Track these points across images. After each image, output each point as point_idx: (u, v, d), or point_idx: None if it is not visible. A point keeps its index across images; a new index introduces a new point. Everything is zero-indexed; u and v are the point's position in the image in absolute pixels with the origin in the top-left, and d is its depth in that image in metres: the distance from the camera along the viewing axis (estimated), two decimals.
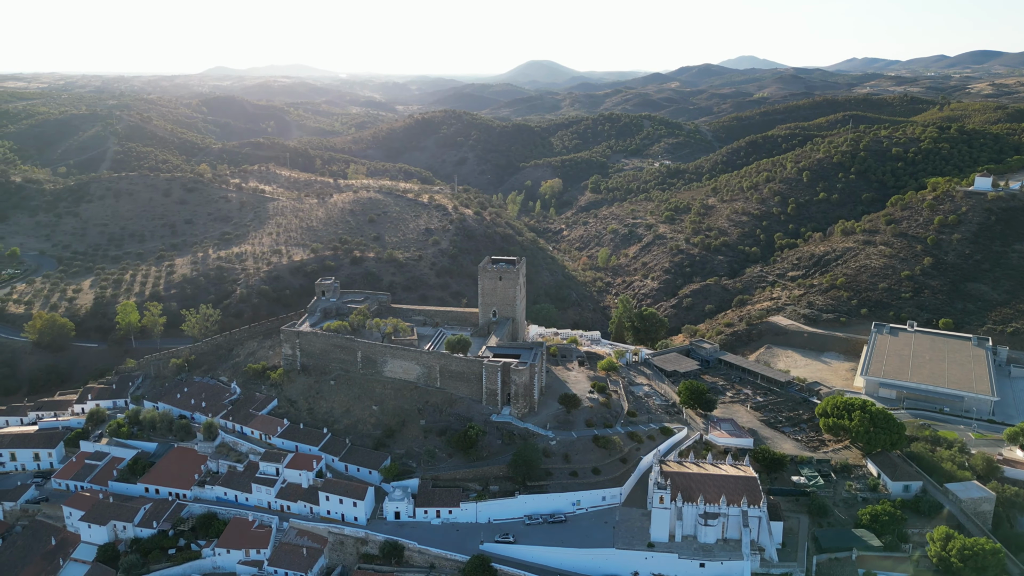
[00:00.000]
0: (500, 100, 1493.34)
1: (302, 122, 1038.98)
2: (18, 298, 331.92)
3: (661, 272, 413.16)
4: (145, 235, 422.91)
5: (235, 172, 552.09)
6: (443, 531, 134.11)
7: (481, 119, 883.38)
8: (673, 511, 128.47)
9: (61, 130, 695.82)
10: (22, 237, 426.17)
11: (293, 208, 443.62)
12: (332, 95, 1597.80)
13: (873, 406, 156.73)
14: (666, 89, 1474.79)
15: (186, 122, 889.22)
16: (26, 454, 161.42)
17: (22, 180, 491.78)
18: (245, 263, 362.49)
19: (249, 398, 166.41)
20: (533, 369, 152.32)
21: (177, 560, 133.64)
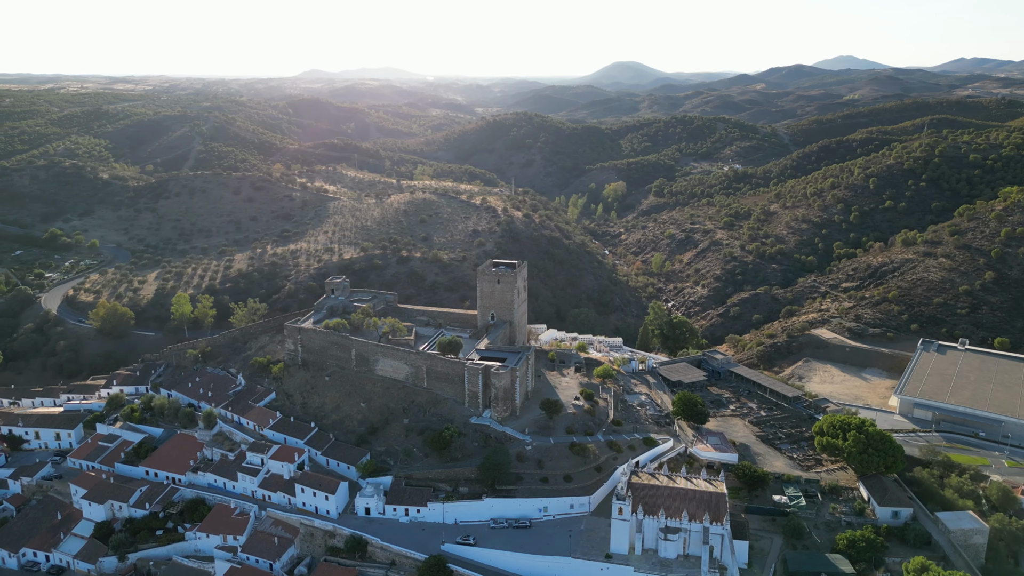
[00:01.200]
0: (578, 102, 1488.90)
1: (381, 124, 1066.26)
2: (90, 287, 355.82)
3: (712, 279, 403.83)
4: (212, 231, 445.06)
5: (304, 172, 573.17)
6: (410, 529, 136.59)
7: (551, 121, 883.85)
8: (633, 523, 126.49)
9: (153, 130, 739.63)
10: (104, 230, 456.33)
11: (351, 208, 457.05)
12: (415, 98, 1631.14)
13: (872, 426, 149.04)
14: (750, 91, 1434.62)
15: (270, 123, 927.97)
16: (48, 433, 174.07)
17: (109, 177, 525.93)
18: (298, 260, 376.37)
19: (251, 390, 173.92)
20: (514, 373, 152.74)
21: (163, 541, 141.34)
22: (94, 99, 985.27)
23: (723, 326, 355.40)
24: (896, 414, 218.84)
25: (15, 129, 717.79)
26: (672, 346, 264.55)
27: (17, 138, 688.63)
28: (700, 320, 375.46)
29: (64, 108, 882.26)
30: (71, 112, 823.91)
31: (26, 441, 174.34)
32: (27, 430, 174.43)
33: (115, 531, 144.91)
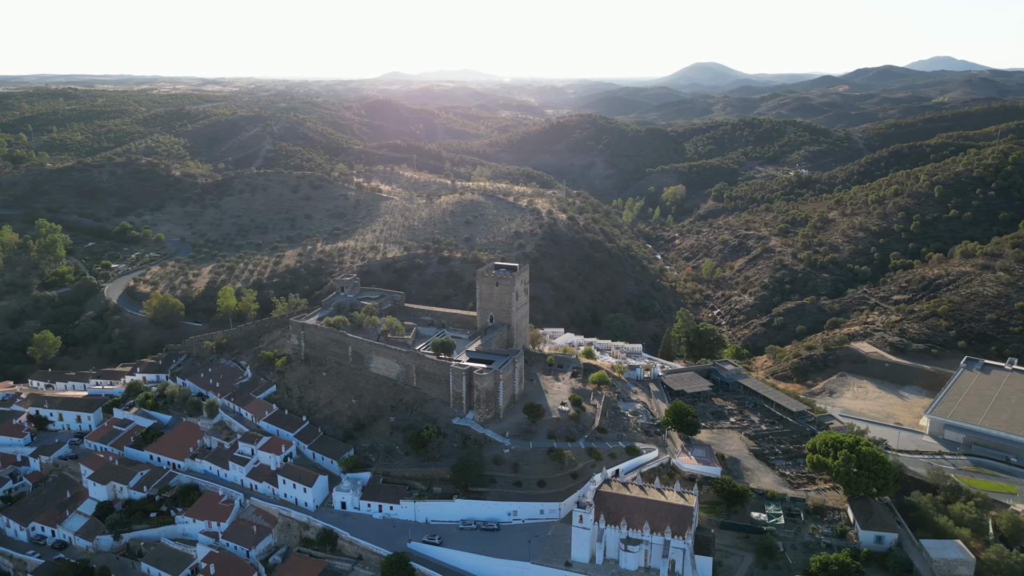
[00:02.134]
0: (651, 103, 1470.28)
1: (449, 125, 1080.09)
2: (149, 279, 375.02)
3: (759, 288, 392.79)
4: (269, 227, 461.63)
5: (362, 172, 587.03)
6: (382, 526, 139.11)
7: (615, 123, 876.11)
8: (594, 532, 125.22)
9: (229, 130, 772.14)
10: (171, 225, 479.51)
11: (402, 208, 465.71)
12: (487, 99, 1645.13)
13: (867, 446, 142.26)
14: (831, 93, 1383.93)
15: (342, 124, 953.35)
16: (71, 416, 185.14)
17: (180, 174, 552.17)
18: (343, 257, 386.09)
19: (255, 382, 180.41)
20: (498, 376, 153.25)
21: (154, 523, 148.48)
22: (180, 100, 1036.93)
23: (765, 336, 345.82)
24: (925, 435, 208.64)
25: (103, 128, 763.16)
26: (698, 355, 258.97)
27: (104, 136, 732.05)
28: (743, 329, 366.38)
29: (151, 108, 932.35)
30: (156, 112, 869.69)
31: (51, 422, 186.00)
32: (52, 412, 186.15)
33: (115, 511, 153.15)
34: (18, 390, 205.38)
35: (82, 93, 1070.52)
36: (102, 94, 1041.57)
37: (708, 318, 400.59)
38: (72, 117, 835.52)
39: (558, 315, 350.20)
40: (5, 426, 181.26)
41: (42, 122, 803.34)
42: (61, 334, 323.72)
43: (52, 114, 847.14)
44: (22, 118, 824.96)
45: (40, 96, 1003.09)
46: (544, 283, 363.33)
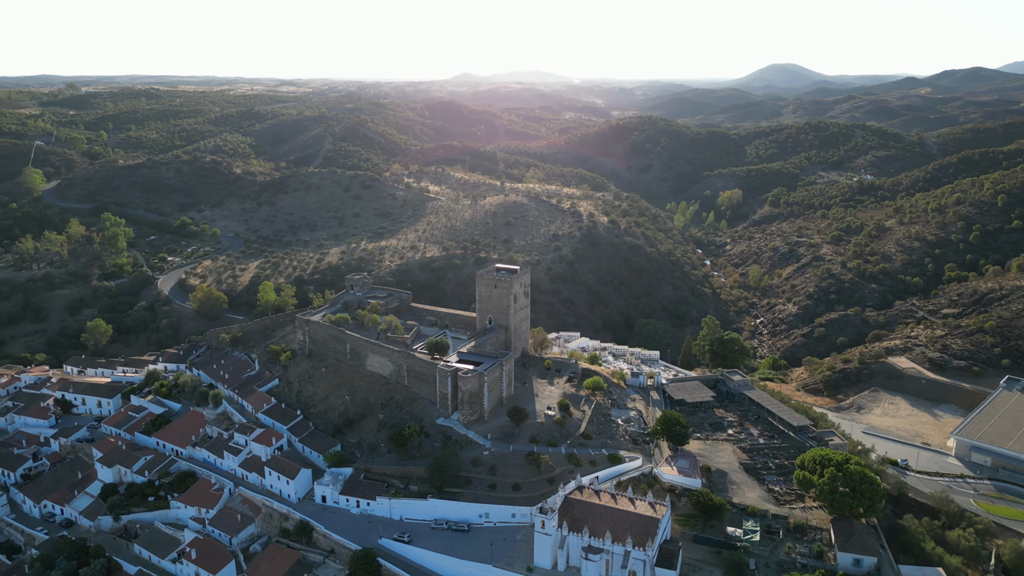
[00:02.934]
0: (718, 106, 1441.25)
1: (510, 127, 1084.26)
2: (200, 272, 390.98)
3: (804, 297, 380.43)
4: (318, 225, 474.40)
5: (413, 172, 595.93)
6: (358, 521, 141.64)
7: (675, 126, 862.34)
8: (556, 538, 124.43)
9: (294, 129, 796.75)
10: (227, 221, 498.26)
11: (447, 208, 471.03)
12: (552, 101, 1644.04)
13: (857, 465, 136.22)
14: (911, 95, 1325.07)
15: (404, 125, 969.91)
16: (92, 401, 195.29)
17: (241, 172, 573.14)
18: (383, 255, 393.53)
19: (260, 375, 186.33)
20: (482, 378, 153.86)
21: (151, 507, 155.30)
22: (252, 100, 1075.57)
23: (805, 347, 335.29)
24: (951, 456, 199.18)
25: (177, 127, 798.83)
26: (721, 364, 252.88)
27: (177, 135, 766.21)
28: (783, 340, 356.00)
29: (224, 108, 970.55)
30: (228, 112, 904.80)
31: (75, 406, 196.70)
32: (76, 396, 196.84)
33: (119, 493, 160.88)
34: (50, 374, 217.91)
35: (163, 93, 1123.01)
36: (181, 95, 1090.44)
37: (750, 327, 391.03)
38: (151, 116, 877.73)
39: (590, 319, 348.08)
40: (33, 408, 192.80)
41: (122, 121, 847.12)
42: (114, 323, 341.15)
43: (132, 113, 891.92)
44: (105, 116, 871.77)
45: (124, 96, 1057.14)
46: (578, 286, 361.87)
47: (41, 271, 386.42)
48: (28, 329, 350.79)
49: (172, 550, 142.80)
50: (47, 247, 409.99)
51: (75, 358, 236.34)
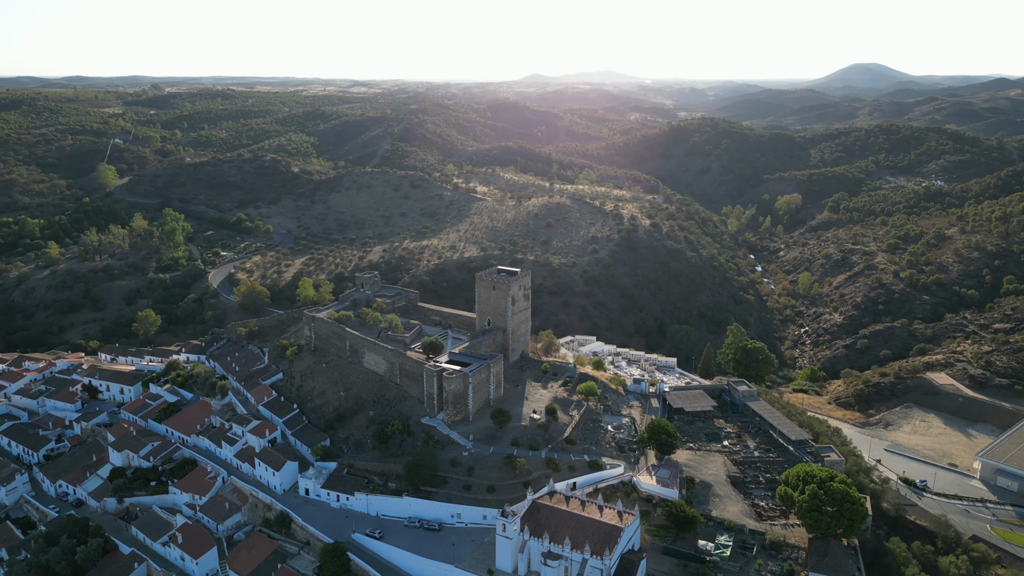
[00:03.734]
0: (790, 107, 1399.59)
1: (572, 128, 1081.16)
2: (248, 267, 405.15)
3: (851, 307, 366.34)
4: (365, 223, 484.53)
5: (463, 173, 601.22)
6: (337, 514, 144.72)
7: (737, 127, 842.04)
8: (517, 542, 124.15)
9: (356, 130, 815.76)
10: (281, 218, 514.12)
11: (491, 209, 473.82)
12: (619, 102, 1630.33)
13: (841, 483, 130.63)
14: (999, 97, 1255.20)
15: (465, 125, 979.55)
16: (116, 387, 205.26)
17: (299, 170, 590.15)
18: (423, 255, 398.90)
19: (268, 368, 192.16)
20: (467, 379, 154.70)
21: (151, 491, 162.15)
22: (320, 101, 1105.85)
23: (846, 359, 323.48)
24: (975, 479, 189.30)
25: (246, 126, 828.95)
26: (744, 373, 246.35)
27: (245, 134, 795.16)
28: (825, 350, 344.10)
29: (293, 109, 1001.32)
30: (296, 112, 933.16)
31: (100, 392, 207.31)
32: (102, 383, 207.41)
33: (126, 477, 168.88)
34: (82, 360, 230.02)
35: (238, 94, 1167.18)
36: (255, 95, 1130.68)
37: (794, 336, 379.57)
38: (223, 116, 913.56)
39: (623, 323, 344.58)
40: (63, 393, 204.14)
41: (197, 120, 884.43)
42: (165, 313, 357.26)
43: (207, 113, 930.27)
44: (181, 116, 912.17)
45: (202, 96, 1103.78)
46: (613, 289, 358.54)
47: (102, 263, 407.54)
48: (87, 317, 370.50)
49: (164, 533, 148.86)
50: (110, 240, 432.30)
51: (108, 346, 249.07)
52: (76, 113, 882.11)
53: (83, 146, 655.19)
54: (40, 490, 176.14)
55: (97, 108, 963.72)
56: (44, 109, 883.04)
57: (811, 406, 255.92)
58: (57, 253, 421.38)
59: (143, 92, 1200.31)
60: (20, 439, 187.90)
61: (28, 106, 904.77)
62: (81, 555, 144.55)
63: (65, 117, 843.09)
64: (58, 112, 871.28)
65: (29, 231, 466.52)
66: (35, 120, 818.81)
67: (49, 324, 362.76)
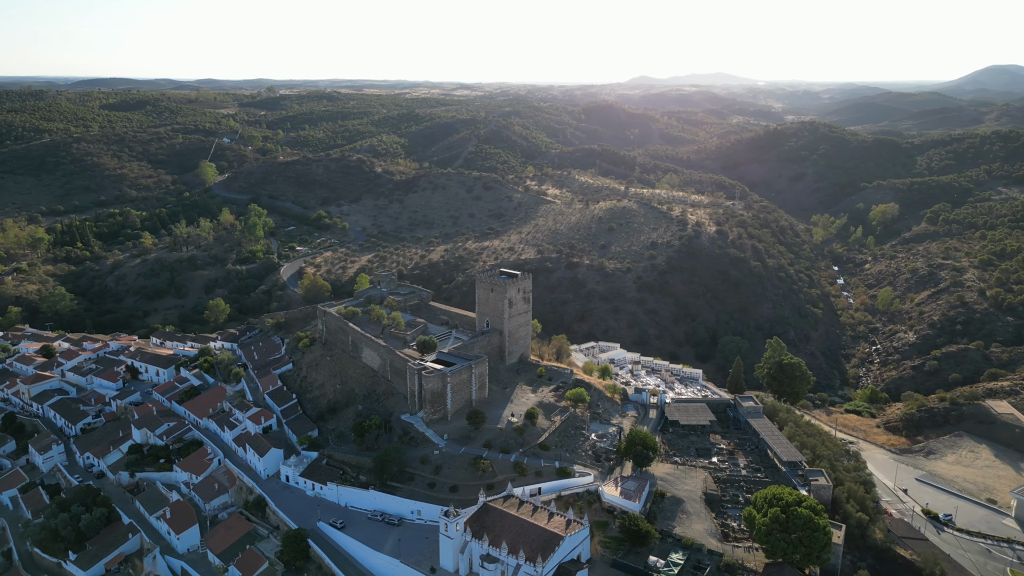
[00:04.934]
0: (909, 111, 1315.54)
1: (666, 131, 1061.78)
2: (318, 262, 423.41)
3: (926, 326, 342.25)
4: (435, 223, 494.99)
5: (538, 175, 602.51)
6: (310, 502, 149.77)
7: (838, 132, 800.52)
8: (458, 543, 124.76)
9: (445, 132, 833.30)
10: (359, 216, 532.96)
11: (557, 211, 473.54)
12: (724, 104, 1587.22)
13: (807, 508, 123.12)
14: None
15: (555, 128, 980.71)
16: (152, 369, 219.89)
17: (381, 171, 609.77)
18: (481, 256, 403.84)
19: (282, 359, 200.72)
20: (445, 379, 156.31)
21: (159, 468, 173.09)
22: (417, 103, 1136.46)
23: (912, 381, 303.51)
24: (1009, 517, 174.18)
25: (342, 127, 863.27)
26: (778, 389, 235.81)
27: (340, 134, 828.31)
28: (891, 371, 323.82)
29: (391, 110, 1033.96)
30: (392, 114, 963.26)
31: (140, 373, 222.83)
32: (142, 365, 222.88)
33: (143, 453, 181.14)
34: (130, 343, 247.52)
35: (343, 96, 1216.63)
36: (357, 97, 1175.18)
37: (863, 353, 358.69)
38: (324, 117, 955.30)
39: (674, 332, 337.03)
40: (108, 372, 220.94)
41: (299, 121, 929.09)
42: (236, 303, 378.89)
43: (309, 114, 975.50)
44: (286, 117, 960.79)
45: (309, 98, 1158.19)
46: (666, 297, 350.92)
47: (188, 253, 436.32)
48: (170, 303, 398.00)
49: (160, 508, 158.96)
50: (197, 232, 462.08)
51: (160, 331, 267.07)
52: (193, 113, 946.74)
53: (191, 144, 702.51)
54: (73, 460, 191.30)
55: (214, 109, 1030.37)
56: (166, 109, 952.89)
57: (856, 428, 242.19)
58: (150, 243, 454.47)
59: (258, 94, 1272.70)
60: (63, 412, 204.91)
61: (152, 106, 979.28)
62: (85, 522, 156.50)
63: (183, 117, 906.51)
64: (177, 112, 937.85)
65: (131, 222, 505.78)
66: (156, 119, 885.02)
67: (135, 308, 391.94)
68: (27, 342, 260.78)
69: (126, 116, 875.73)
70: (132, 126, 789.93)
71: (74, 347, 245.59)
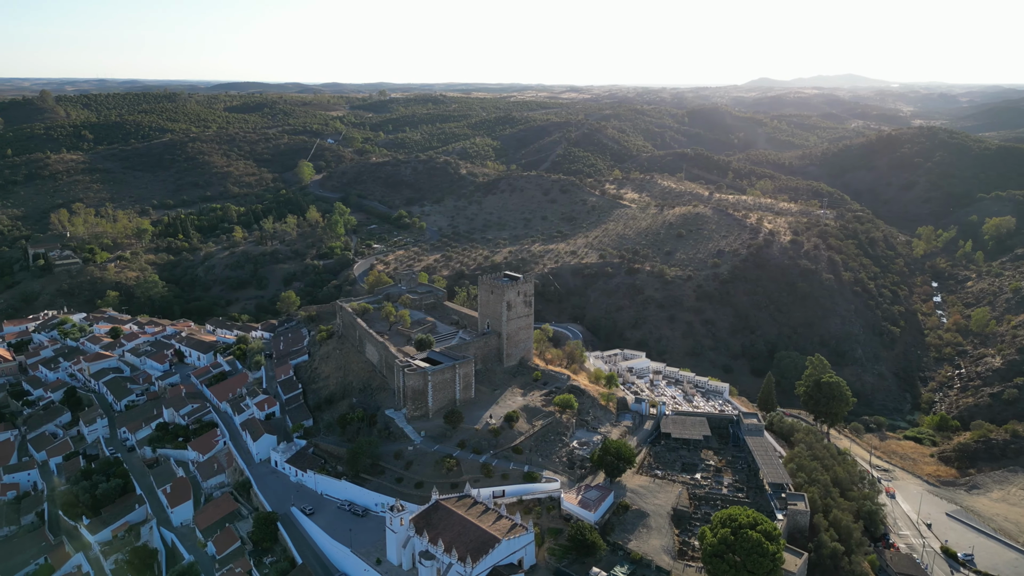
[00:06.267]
0: None
1: (774, 135, 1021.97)
2: (389, 260, 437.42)
3: (1015, 351, 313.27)
4: (507, 225, 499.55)
5: (620, 179, 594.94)
6: (291, 488, 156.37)
7: (959, 138, 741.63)
8: (401, 537, 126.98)
9: (537, 135, 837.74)
10: (438, 216, 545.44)
11: (630, 216, 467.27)
12: (844, 108, 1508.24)
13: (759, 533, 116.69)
14: None
15: (655, 131, 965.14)
16: (195, 355, 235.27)
17: (466, 172, 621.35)
18: (543, 258, 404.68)
19: (301, 350, 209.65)
20: (426, 377, 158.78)
21: (176, 446, 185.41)
22: (519, 106, 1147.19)
23: (988, 410, 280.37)
24: None
25: (439, 129, 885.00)
26: (815, 409, 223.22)
27: (436, 136, 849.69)
28: (967, 397, 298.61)
29: (491, 113, 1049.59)
30: (489, 117, 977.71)
31: (186, 357, 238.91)
32: (187, 349, 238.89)
33: (167, 431, 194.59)
34: (183, 328, 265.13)
35: (448, 99, 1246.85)
36: (460, 100, 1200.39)
37: (943, 377, 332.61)
38: (425, 119, 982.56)
39: (729, 343, 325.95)
40: (159, 355, 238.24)
41: (401, 123, 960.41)
42: (309, 296, 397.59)
43: (411, 116, 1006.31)
44: (389, 119, 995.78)
45: (415, 101, 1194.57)
46: (725, 307, 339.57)
47: (272, 247, 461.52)
48: (251, 294, 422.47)
49: (168, 481, 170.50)
50: (283, 228, 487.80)
51: (213, 319, 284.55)
52: (305, 115, 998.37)
53: (295, 144, 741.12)
54: (114, 433, 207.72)
55: (325, 111, 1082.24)
56: (280, 112, 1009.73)
57: (904, 457, 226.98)
58: (241, 236, 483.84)
59: (369, 97, 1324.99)
60: (114, 389, 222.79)
61: (270, 108, 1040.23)
62: (102, 490, 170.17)
63: (295, 119, 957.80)
64: (291, 114, 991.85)
65: (229, 216, 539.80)
66: (270, 120, 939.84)
67: (219, 297, 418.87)
68: (103, 323, 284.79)
69: (243, 118, 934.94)
70: (247, 127, 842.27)
71: (139, 330, 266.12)
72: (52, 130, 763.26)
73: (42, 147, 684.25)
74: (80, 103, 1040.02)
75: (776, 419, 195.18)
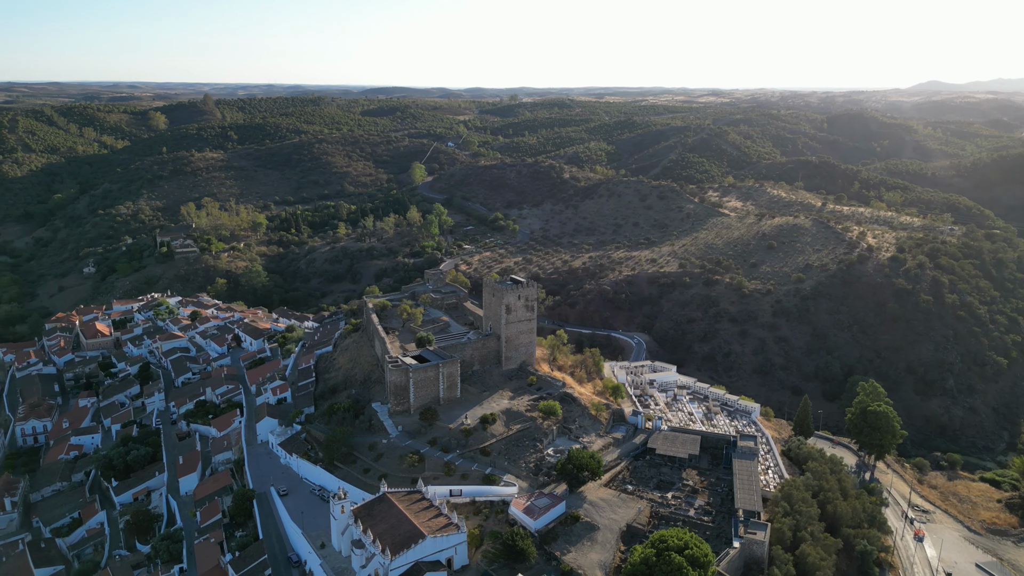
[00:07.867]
0: None
1: (923, 143, 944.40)
2: (472, 261, 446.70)
3: None
4: (597, 230, 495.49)
5: (726, 186, 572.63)
6: (279, 468, 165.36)
7: None
8: (341, 524, 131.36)
9: (654, 139, 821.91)
10: (534, 219, 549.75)
11: (724, 225, 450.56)
12: (1018, 114, 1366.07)
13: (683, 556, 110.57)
14: None
15: (787, 138, 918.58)
16: (248, 340, 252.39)
17: (568, 176, 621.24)
18: (621, 265, 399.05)
19: (328, 341, 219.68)
20: (408, 373, 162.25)
21: (204, 422, 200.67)
22: (642, 111, 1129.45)
23: None
24: None
25: (556, 134, 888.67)
26: (860, 438, 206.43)
27: (552, 141, 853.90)
28: None
29: (614, 117, 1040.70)
30: (608, 121, 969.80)
31: (243, 341, 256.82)
32: (243, 335, 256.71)
33: (203, 407, 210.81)
34: (249, 314, 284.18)
35: (573, 103, 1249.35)
36: (585, 104, 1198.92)
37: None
38: (545, 124, 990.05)
39: (803, 364, 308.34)
40: (220, 338, 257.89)
41: (520, 127, 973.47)
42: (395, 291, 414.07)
43: (532, 121, 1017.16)
44: (510, 123, 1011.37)
45: (541, 106, 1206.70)
46: (803, 325, 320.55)
47: (369, 244, 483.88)
48: (345, 287, 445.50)
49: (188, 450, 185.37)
50: (382, 226, 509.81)
51: (280, 308, 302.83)
52: (433, 119, 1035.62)
53: (413, 147, 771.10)
54: (168, 407, 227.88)
55: (453, 115, 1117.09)
56: (410, 115, 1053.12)
57: (963, 499, 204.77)
58: (343, 233, 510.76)
59: (500, 101, 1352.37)
60: (176, 367, 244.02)
61: (401, 112, 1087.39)
62: (132, 456, 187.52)
63: (422, 122, 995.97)
64: (418, 118, 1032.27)
65: (340, 214, 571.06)
66: (398, 124, 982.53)
67: (315, 289, 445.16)
68: (192, 307, 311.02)
69: (374, 120, 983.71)
70: (375, 130, 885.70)
71: (212, 315, 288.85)
72: (204, 130, 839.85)
73: (192, 146, 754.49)
74: (236, 106, 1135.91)
75: (794, 444, 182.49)
